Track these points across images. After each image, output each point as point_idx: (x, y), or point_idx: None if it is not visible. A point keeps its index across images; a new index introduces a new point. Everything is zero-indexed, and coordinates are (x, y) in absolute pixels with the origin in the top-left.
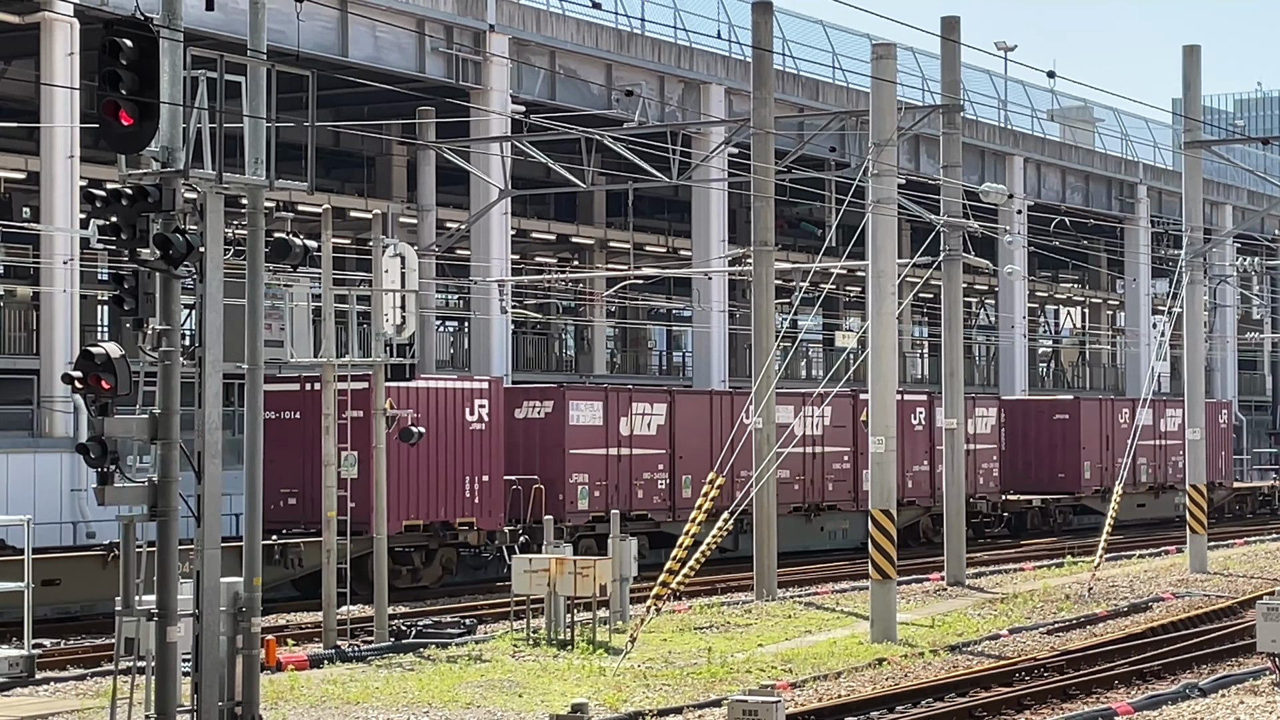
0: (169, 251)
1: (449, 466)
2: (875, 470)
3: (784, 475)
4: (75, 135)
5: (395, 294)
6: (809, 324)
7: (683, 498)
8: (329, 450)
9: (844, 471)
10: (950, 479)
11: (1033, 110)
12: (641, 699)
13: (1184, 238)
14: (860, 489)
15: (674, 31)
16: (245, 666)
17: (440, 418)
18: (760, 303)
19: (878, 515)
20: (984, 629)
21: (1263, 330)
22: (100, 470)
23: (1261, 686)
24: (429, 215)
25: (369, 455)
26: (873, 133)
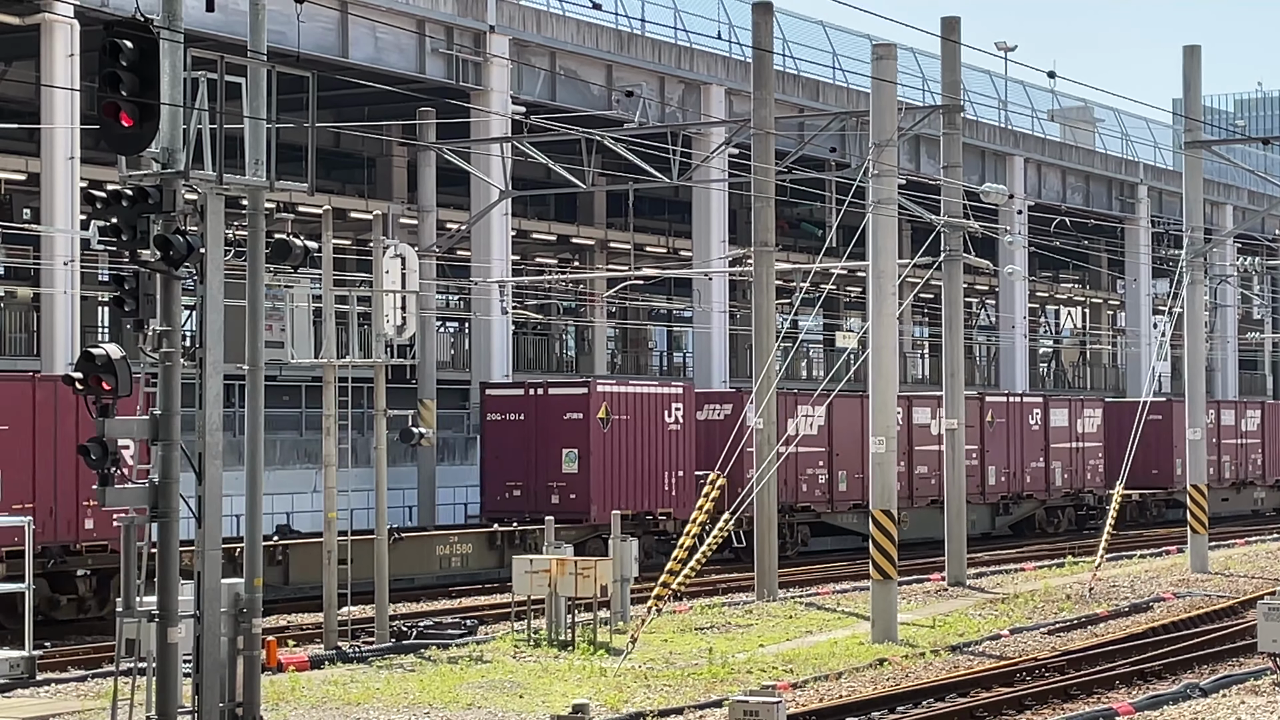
0: (169, 252)
1: (650, 462)
2: (876, 470)
3: (922, 471)
4: (76, 136)
5: (396, 295)
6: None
7: (839, 491)
8: (329, 450)
9: (973, 467)
10: (951, 479)
11: (1033, 110)
12: (642, 699)
13: (1184, 238)
14: (986, 482)
15: (674, 32)
16: (246, 667)
17: (644, 419)
18: (761, 303)
19: (878, 516)
20: (985, 629)
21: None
22: (101, 471)
23: (1262, 686)
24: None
25: (588, 451)
26: (873, 133)
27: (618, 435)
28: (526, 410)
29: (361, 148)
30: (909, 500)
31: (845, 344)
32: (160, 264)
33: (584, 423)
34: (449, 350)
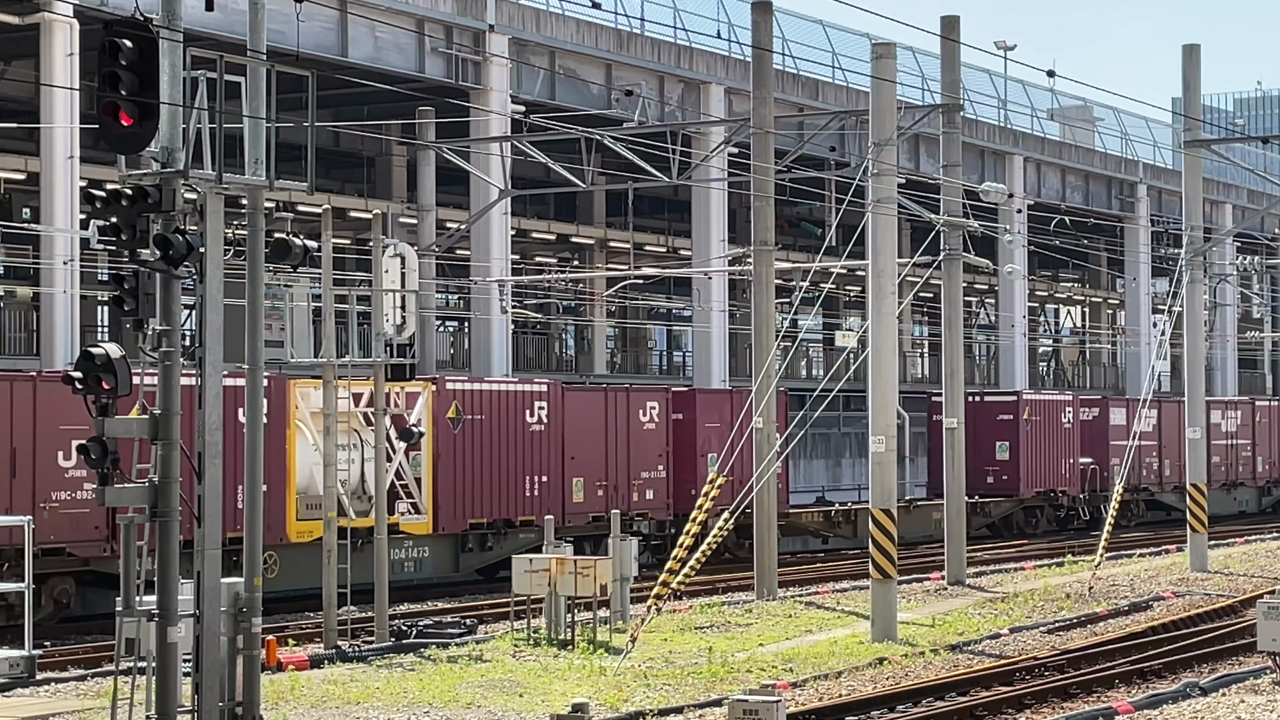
0: (169, 252)
1: None
2: (875, 470)
3: (1215, 460)
4: (75, 136)
5: (395, 294)
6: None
7: (1165, 476)
8: (329, 449)
9: (1247, 459)
10: (951, 478)
11: (1032, 110)
12: (642, 699)
13: (1184, 237)
14: (1256, 470)
15: (674, 31)
16: (246, 667)
17: None
18: (760, 302)
19: (878, 515)
20: (984, 628)
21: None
22: (101, 471)
23: (1262, 685)
24: (429, 215)
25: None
26: (872, 132)
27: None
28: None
29: (361, 147)
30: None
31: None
32: (160, 263)
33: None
34: (449, 350)
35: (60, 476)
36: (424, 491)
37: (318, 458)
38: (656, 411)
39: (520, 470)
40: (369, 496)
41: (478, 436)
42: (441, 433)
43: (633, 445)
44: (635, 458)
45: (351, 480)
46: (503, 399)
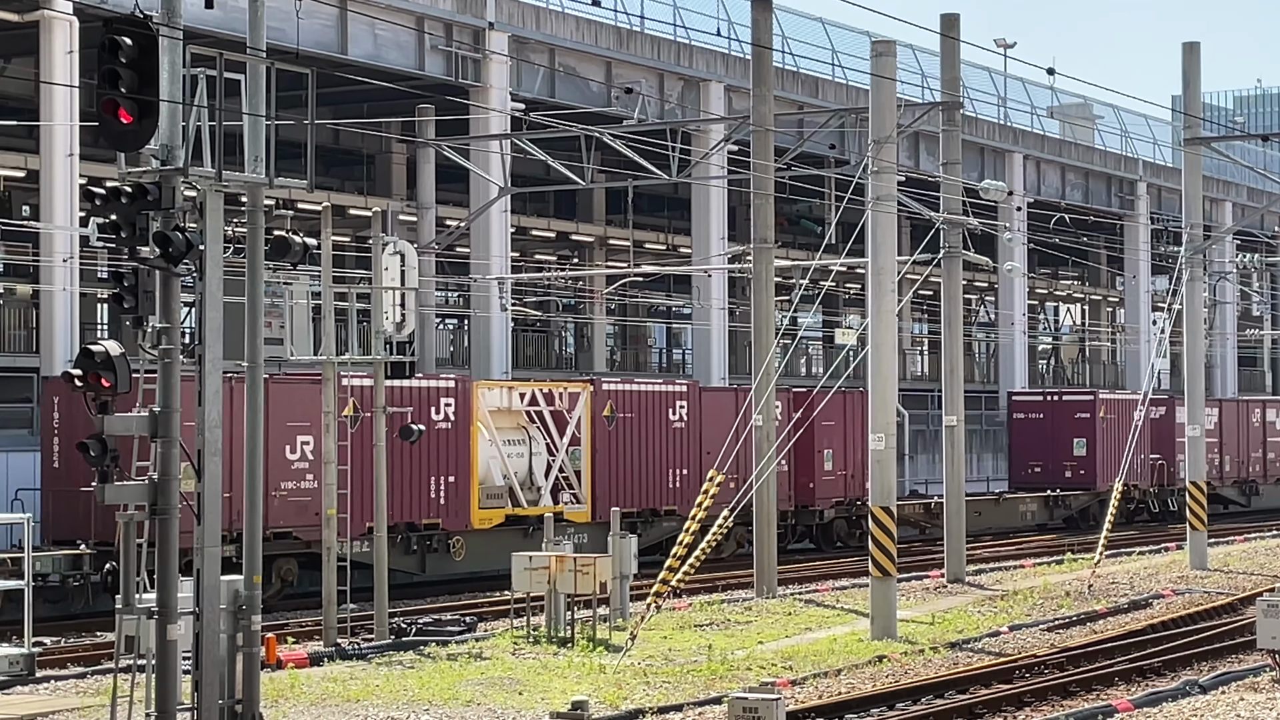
0: (169, 249)
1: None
2: (876, 468)
3: (1271, 456)
4: (75, 133)
5: (395, 292)
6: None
7: (1225, 471)
8: (329, 447)
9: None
10: (950, 475)
11: (1032, 107)
12: (642, 696)
13: (1184, 234)
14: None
15: (673, 29)
16: (245, 664)
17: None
18: (760, 300)
19: (878, 513)
20: (984, 626)
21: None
22: (100, 468)
23: (1261, 683)
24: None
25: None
26: (872, 130)
27: None
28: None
29: (361, 145)
30: (1263, 476)
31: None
32: (159, 261)
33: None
34: (448, 347)
35: (287, 468)
36: (583, 483)
37: (494, 452)
38: (779, 410)
39: (664, 464)
40: (536, 488)
41: (628, 433)
42: (598, 429)
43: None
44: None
45: (520, 472)
46: (649, 399)
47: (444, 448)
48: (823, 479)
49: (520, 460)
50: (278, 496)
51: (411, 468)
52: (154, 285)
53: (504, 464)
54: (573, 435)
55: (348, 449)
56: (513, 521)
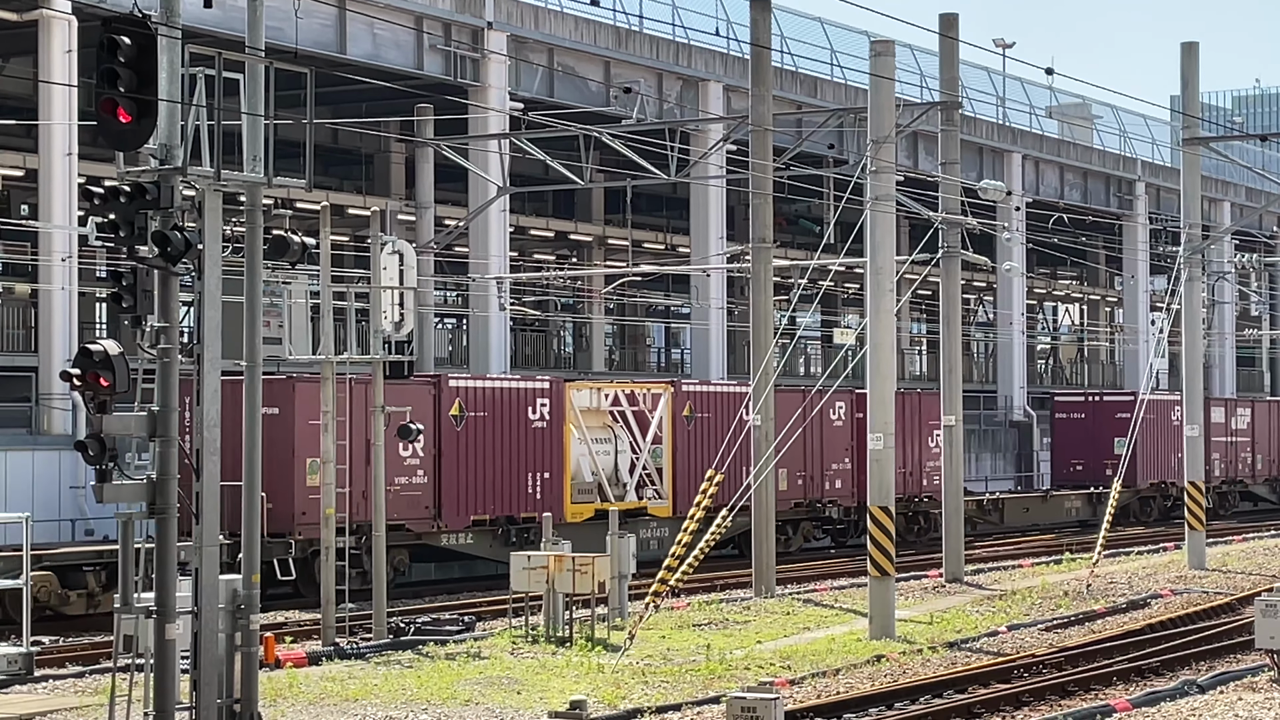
0: (167, 249)
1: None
2: (873, 468)
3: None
4: (73, 133)
5: (394, 291)
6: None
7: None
8: (327, 447)
9: None
10: (948, 475)
11: (1031, 107)
12: (640, 696)
13: (1182, 234)
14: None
15: (672, 29)
16: (244, 664)
17: None
18: (759, 300)
19: (876, 512)
20: (982, 626)
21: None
22: (99, 467)
23: (1260, 683)
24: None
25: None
26: (871, 130)
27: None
28: (1088, 411)
29: (359, 144)
30: None
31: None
32: (158, 260)
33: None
34: (447, 347)
35: (400, 464)
36: (664, 479)
37: (584, 449)
38: (843, 411)
39: (736, 460)
40: (622, 483)
41: (705, 431)
42: (678, 428)
43: (825, 440)
44: (827, 451)
45: (608, 469)
46: (722, 399)
47: (540, 445)
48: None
49: (607, 457)
50: (392, 491)
51: (511, 464)
52: (152, 284)
53: (593, 461)
54: (655, 434)
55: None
56: (601, 515)
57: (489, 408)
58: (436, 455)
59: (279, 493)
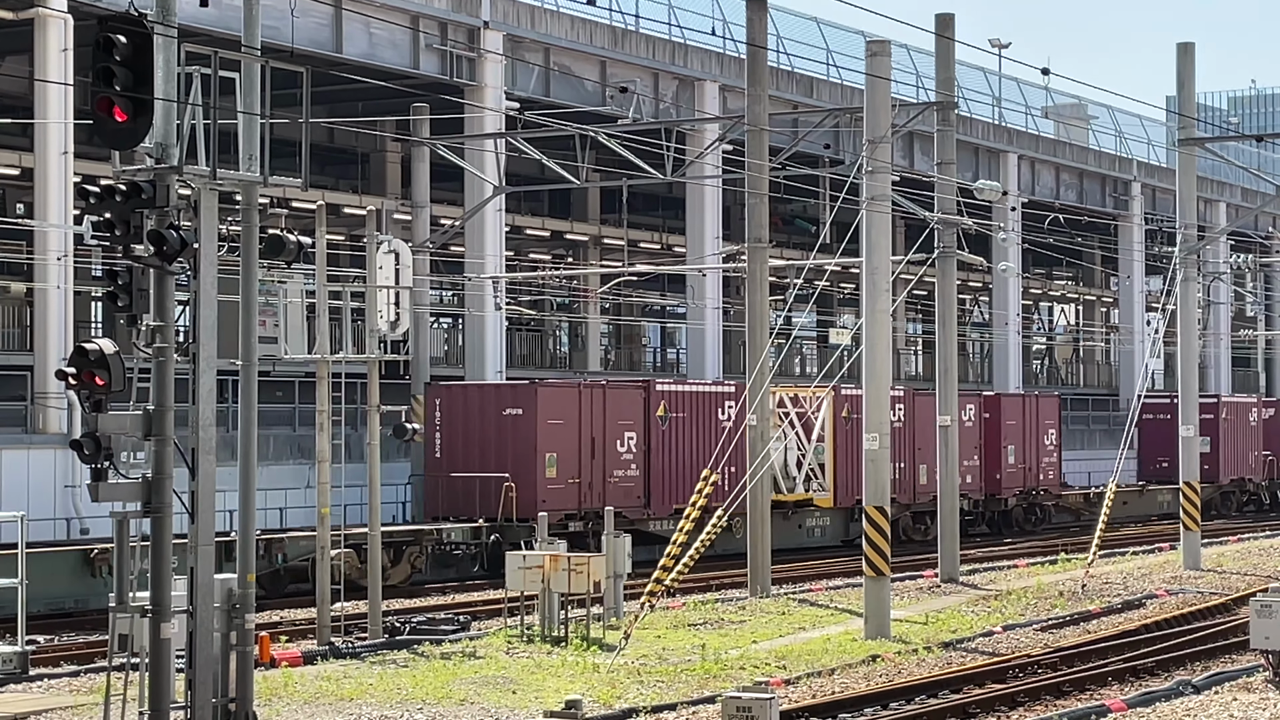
0: (163, 248)
1: None
2: (869, 467)
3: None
4: (69, 131)
5: (389, 290)
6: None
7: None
8: (323, 446)
9: None
10: (944, 475)
11: (1027, 107)
12: (635, 695)
13: (1178, 235)
14: None
15: (668, 28)
16: (239, 663)
17: None
18: (754, 299)
19: (871, 512)
20: (977, 626)
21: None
22: (94, 466)
23: (1255, 684)
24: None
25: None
26: (867, 130)
27: None
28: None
29: (355, 143)
30: None
31: (839, 340)
32: (153, 259)
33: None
34: (442, 346)
35: (618, 458)
36: (827, 474)
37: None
38: (972, 411)
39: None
40: (791, 477)
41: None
42: (838, 428)
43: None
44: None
45: (779, 464)
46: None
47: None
48: (1007, 471)
49: (778, 454)
50: (610, 483)
51: (705, 459)
52: (148, 283)
53: (780, 457)
54: (819, 433)
55: (660, 444)
56: (776, 506)
57: (687, 409)
58: (646, 451)
59: (523, 483)
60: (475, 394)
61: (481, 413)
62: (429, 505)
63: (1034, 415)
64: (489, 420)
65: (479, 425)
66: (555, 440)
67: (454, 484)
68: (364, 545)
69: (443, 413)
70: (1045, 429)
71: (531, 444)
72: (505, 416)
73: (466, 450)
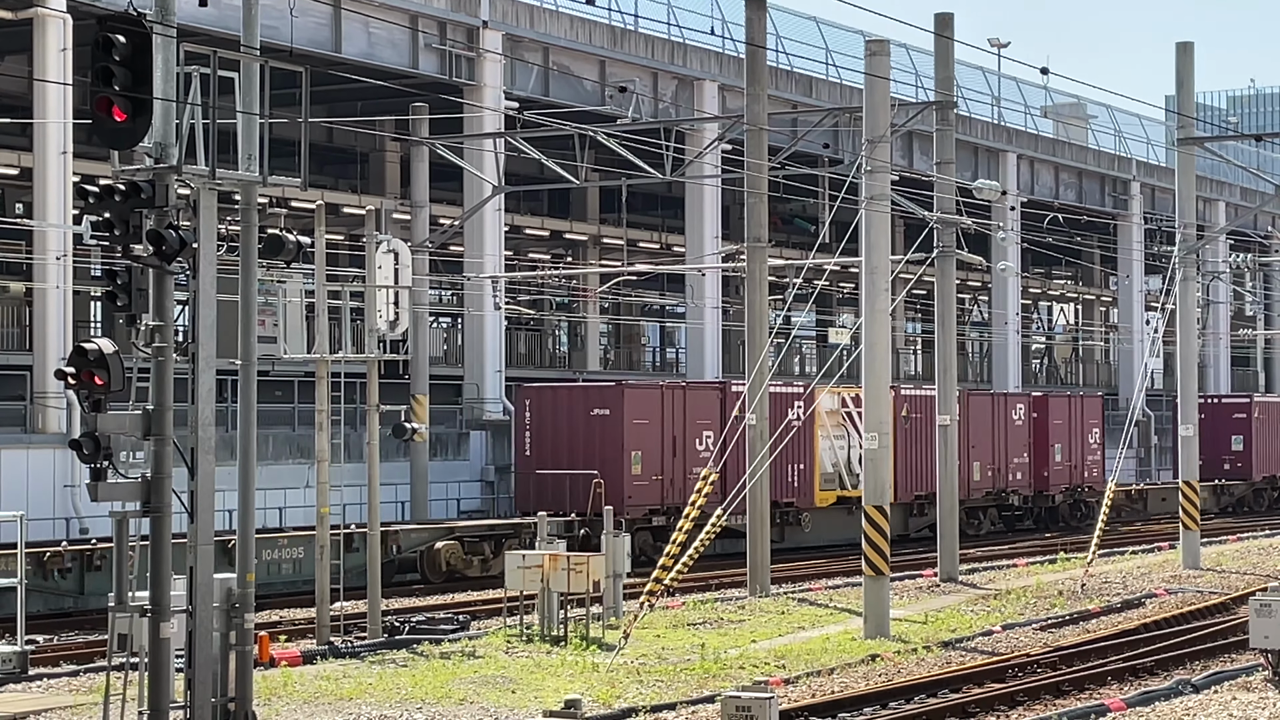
0: (162, 247)
1: None
2: (869, 466)
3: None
4: (68, 131)
5: (388, 290)
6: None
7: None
8: (322, 445)
9: None
10: (943, 475)
11: (1026, 107)
12: (635, 695)
13: (1177, 234)
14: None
15: (667, 28)
16: (238, 663)
17: None
18: (754, 299)
19: (871, 512)
20: (977, 625)
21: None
22: (93, 466)
23: (1254, 683)
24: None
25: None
26: (866, 129)
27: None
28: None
29: (355, 143)
30: None
31: (838, 340)
32: (153, 259)
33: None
34: (441, 346)
35: (697, 456)
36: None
37: (829, 445)
38: (1022, 412)
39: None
40: (854, 474)
41: (917, 430)
42: (898, 427)
43: (1009, 437)
44: (1011, 446)
45: (843, 461)
46: (930, 402)
47: (796, 442)
48: (1054, 469)
49: (843, 452)
50: (690, 479)
51: (777, 457)
52: (147, 283)
53: (834, 454)
54: None
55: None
56: (842, 501)
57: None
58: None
59: (611, 479)
60: (565, 395)
61: (570, 413)
62: (519, 500)
63: (1079, 415)
64: (578, 420)
65: (567, 425)
66: (640, 439)
67: (544, 480)
68: (467, 537)
69: (532, 413)
70: (1089, 428)
71: (619, 442)
72: (594, 416)
73: (555, 448)
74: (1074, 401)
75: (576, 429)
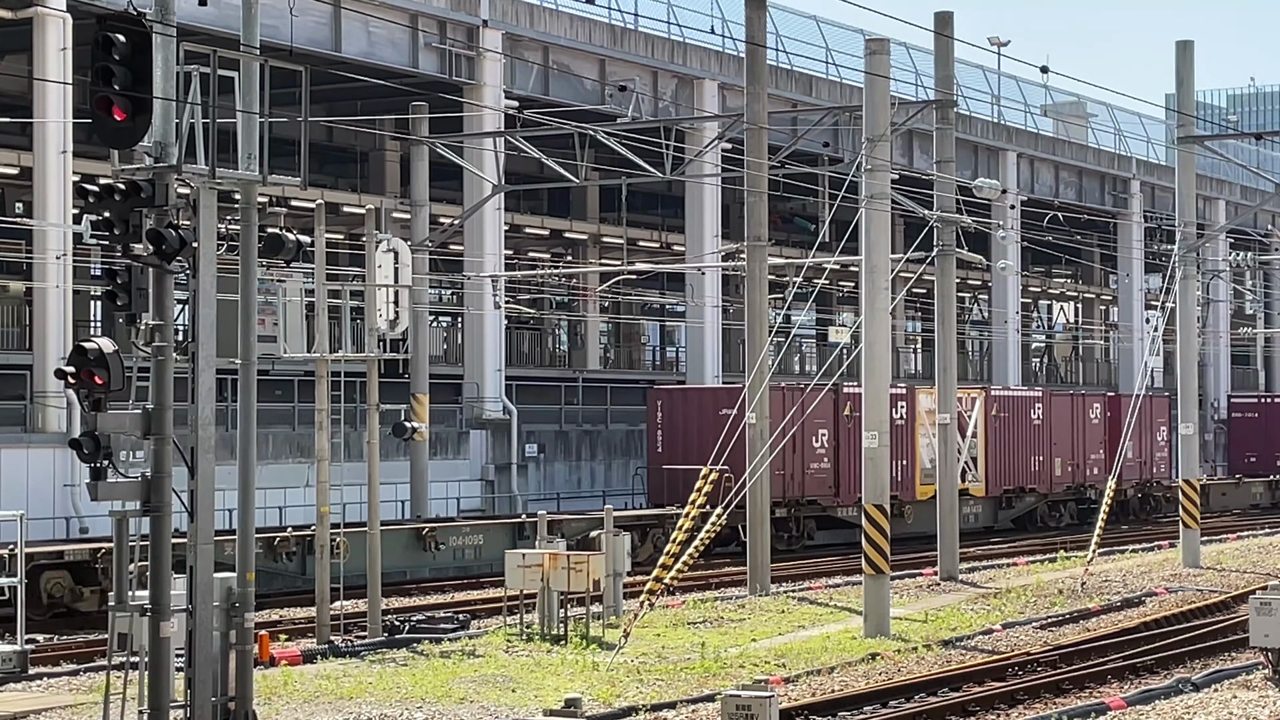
0: (162, 247)
1: None
2: (869, 465)
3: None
4: (68, 131)
5: (388, 289)
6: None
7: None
8: (322, 445)
9: None
10: (942, 474)
11: (1026, 106)
12: (635, 694)
13: (1177, 233)
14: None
15: (667, 27)
16: (238, 662)
17: None
18: (754, 298)
19: (871, 511)
20: (977, 624)
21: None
22: (93, 465)
23: (1254, 681)
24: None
25: None
26: (866, 128)
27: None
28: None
29: (354, 142)
30: None
31: (838, 339)
32: (152, 258)
33: None
34: (441, 345)
35: (814, 452)
36: (979, 466)
37: (927, 442)
38: (1097, 411)
39: (1025, 452)
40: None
41: (1006, 428)
42: (989, 425)
43: (1087, 435)
44: (1088, 443)
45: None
46: (1018, 402)
47: (898, 439)
48: (1125, 465)
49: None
50: (807, 474)
51: None
52: (147, 283)
53: (933, 451)
54: (972, 430)
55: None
56: None
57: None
58: (835, 446)
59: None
60: (694, 396)
61: (700, 413)
62: (653, 494)
63: (1149, 414)
64: (706, 419)
65: (697, 424)
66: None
67: (675, 475)
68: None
69: (664, 414)
70: (1158, 426)
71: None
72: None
73: (686, 446)
74: (1144, 401)
75: (706, 428)
